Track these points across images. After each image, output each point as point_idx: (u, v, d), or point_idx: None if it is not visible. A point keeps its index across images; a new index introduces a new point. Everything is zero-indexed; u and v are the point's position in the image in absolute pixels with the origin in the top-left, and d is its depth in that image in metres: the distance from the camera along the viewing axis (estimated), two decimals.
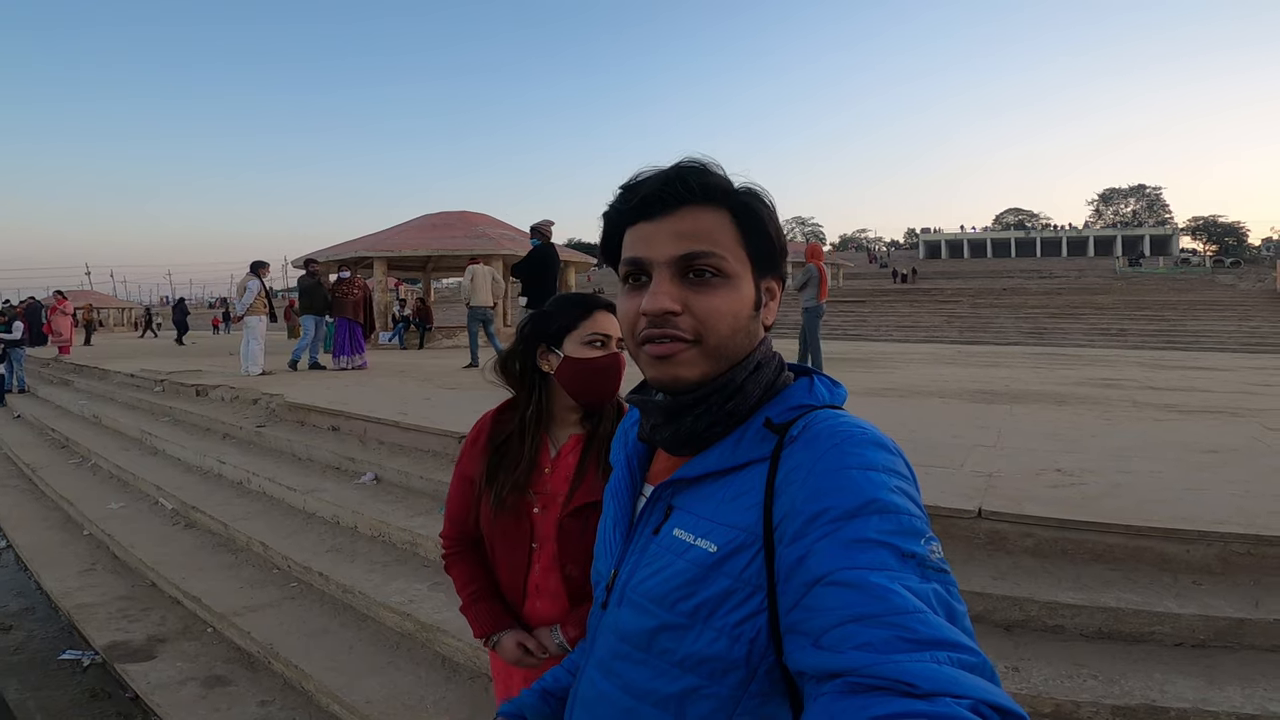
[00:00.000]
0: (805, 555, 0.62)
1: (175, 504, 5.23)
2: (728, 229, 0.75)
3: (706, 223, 0.75)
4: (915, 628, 0.54)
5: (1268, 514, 2.71)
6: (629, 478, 0.88)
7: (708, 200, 0.75)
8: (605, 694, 0.78)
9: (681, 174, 0.75)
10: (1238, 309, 24.72)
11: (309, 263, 10.48)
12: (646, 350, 0.75)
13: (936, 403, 6.55)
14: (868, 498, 0.63)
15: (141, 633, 3.59)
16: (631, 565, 0.79)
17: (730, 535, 0.70)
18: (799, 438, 0.71)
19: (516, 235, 16.99)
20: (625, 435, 0.93)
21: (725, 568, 0.69)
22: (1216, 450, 4.16)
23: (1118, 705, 1.90)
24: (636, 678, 0.74)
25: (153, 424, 7.37)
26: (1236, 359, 14.30)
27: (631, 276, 0.77)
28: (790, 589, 0.63)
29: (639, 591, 0.76)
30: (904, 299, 30.96)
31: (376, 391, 7.14)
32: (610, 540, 0.86)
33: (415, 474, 4.47)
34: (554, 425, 1.48)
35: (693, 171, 0.75)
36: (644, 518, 0.81)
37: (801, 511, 0.64)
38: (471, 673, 2.86)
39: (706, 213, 0.75)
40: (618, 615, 0.79)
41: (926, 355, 13.63)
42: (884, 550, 0.59)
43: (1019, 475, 3.44)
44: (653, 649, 0.73)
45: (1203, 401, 6.74)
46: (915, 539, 0.61)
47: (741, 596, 0.68)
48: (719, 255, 0.74)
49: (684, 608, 0.71)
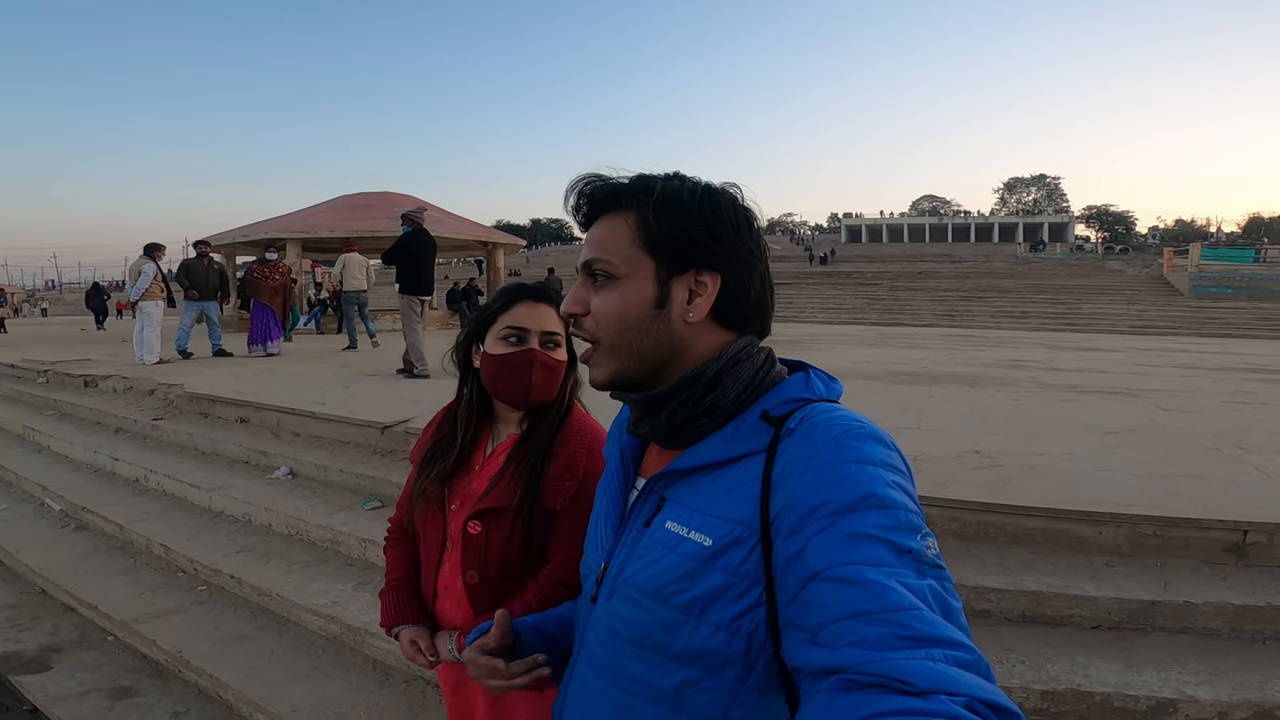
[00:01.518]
0: (802, 550, 0.62)
1: (64, 505, 4.81)
2: (623, 231, 0.77)
3: (607, 228, 0.78)
4: (911, 625, 0.54)
5: (1170, 495, 2.87)
6: (622, 471, 0.87)
7: (616, 207, 0.78)
8: (598, 690, 0.77)
9: (584, 189, 0.79)
10: (1127, 293, 26.58)
11: (199, 244, 9.86)
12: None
13: (862, 385, 6.73)
14: (865, 492, 0.62)
15: (34, 643, 3.31)
16: (622, 558, 0.79)
17: (726, 529, 0.69)
18: (796, 430, 0.70)
19: (443, 217, 16.44)
20: (619, 429, 0.92)
21: (721, 561, 0.69)
22: (1116, 431, 4.41)
23: (1046, 690, 1.96)
24: (631, 673, 0.74)
25: (36, 418, 6.77)
26: (1126, 340, 15.38)
27: None
28: (788, 583, 0.63)
29: (631, 585, 0.75)
30: (828, 281, 31.83)
31: (291, 380, 6.77)
32: (600, 533, 0.86)
33: (335, 467, 4.25)
34: (497, 422, 1.41)
35: (595, 185, 0.79)
36: (635, 510, 0.81)
37: (799, 505, 0.64)
38: (406, 677, 2.73)
39: (614, 219, 0.77)
40: (609, 609, 0.78)
41: (850, 337, 14.05)
42: (881, 545, 0.59)
43: (942, 458, 3.54)
44: (647, 643, 0.73)
45: (1100, 382, 7.19)
46: (912, 534, 0.61)
47: (739, 591, 0.68)
48: (605, 259, 0.77)
49: (678, 601, 0.70)
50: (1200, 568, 2.46)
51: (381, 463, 4.25)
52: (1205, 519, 2.53)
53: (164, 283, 9.03)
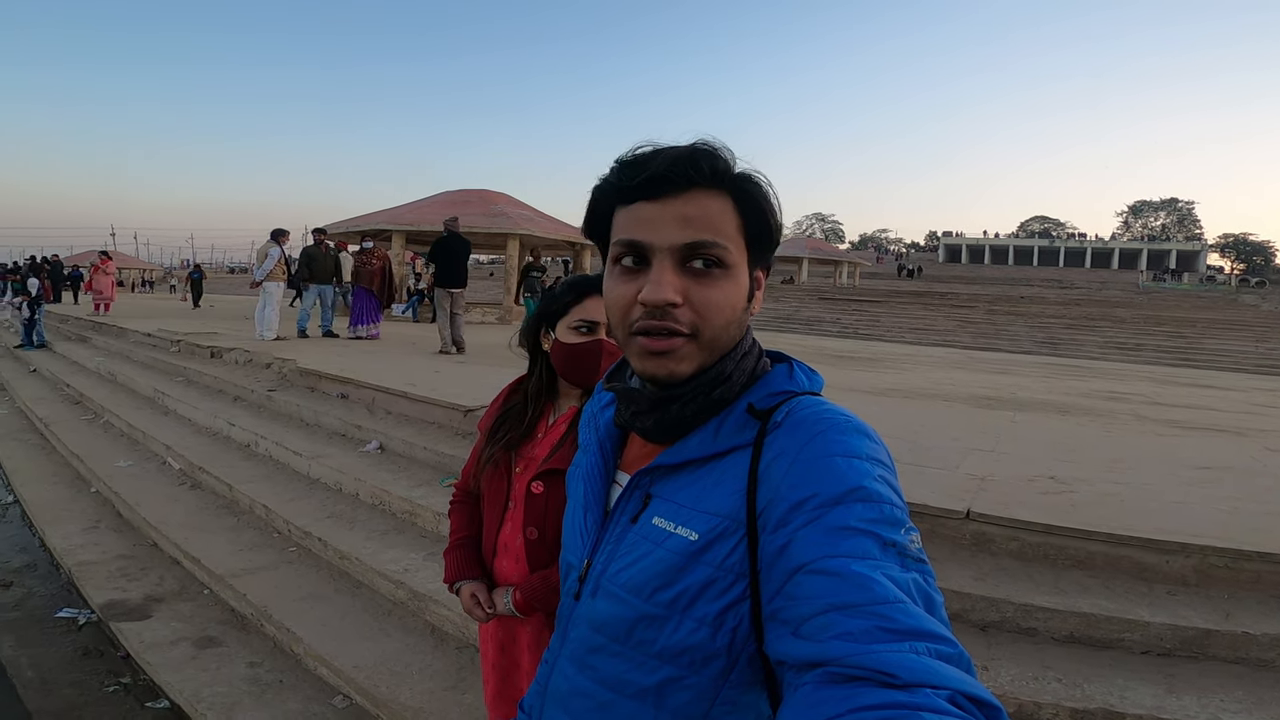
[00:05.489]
0: (788, 543, 0.61)
1: (183, 464, 5.32)
2: (731, 217, 0.71)
3: (713, 209, 0.70)
4: (896, 618, 0.54)
5: (1249, 530, 2.73)
6: (601, 464, 0.84)
7: (715, 185, 0.71)
8: (580, 687, 0.76)
9: (695, 156, 0.70)
10: (1257, 329, 24.32)
11: (316, 232, 10.60)
12: (640, 342, 0.72)
13: (940, 406, 6.55)
14: (851, 485, 0.62)
15: (139, 592, 3.63)
16: (607, 555, 0.77)
17: (712, 523, 0.69)
18: (783, 424, 0.70)
19: (534, 216, 17.02)
20: (595, 420, 0.89)
21: (706, 556, 0.68)
22: (1210, 467, 4.16)
23: (1076, 709, 1.94)
24: (613, 670, 0.73)
25: (166, 384, 7.48)
26: (1249, 379, 14.13)
27: (627, 259, 0.73)
28: (773, 576, 0.62)
29: (616, 582, 0.74)
30: (918, 301, 30.71)
31: (387, 362, 7.22)
32: (581, 529, 0.83)
33: (419, 445, 4.54)
34: (559, 397, 1.56)
35: (705, 154, 0.71)
36: (620, 506, 0.79)
37: (785, 498, 0.64)
38: (459, 643, 2.92)
39: (712, 198, 0.71)
40: (592, 606, 0.77)
41: (937, 359, 13.57)
42: (866, 538, 0.59)
43: (1012, 480, 3.46)
44: (630, 640, 0.72)
45: (1208, 419, 6.71)
46: (896, 528, 0.61)
47: (723, 585, 0.67)
48: (722, 245, 0.70)
49: (662, 597, 0.70)
50: (1268, 601, 2.35)
51: (462, 443, 4.51)
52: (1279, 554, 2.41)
53: (286, 265, 9.77)
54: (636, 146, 0.73)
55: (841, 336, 21.67)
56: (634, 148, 0.73)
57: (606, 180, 0.75)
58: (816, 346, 13.76)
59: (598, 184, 0.76)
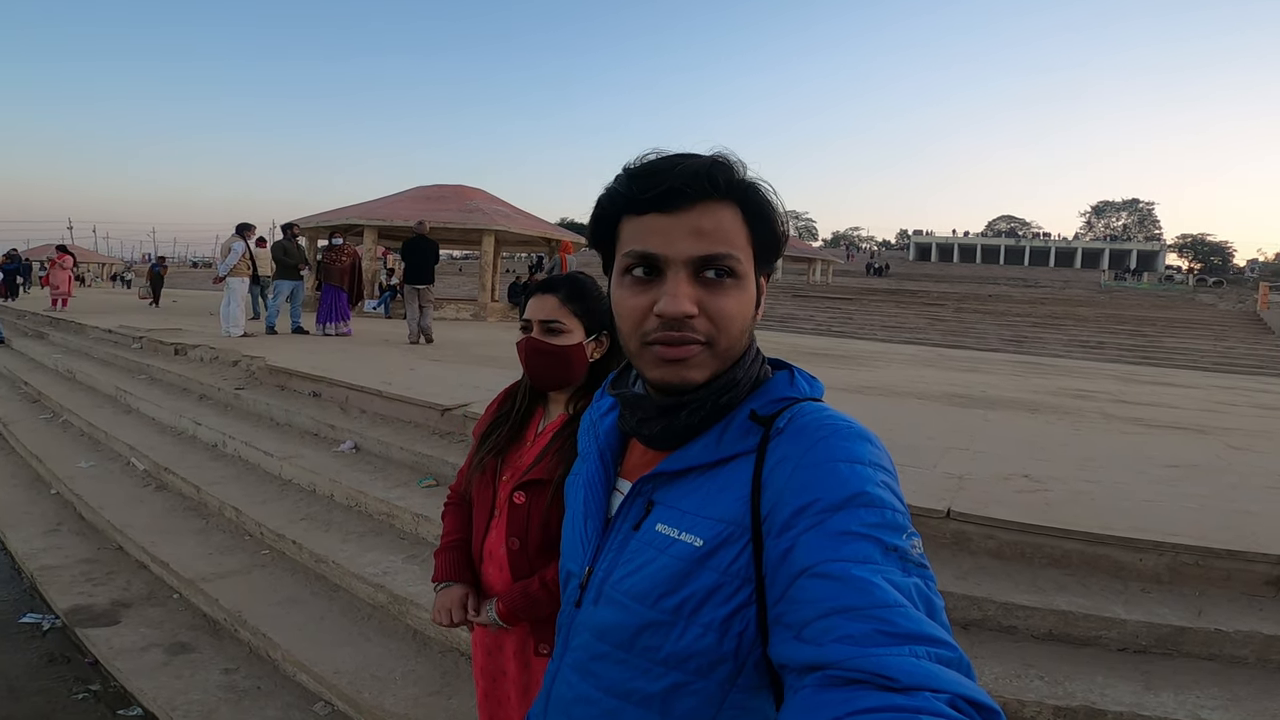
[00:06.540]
0: (792, 547, 0.62)
1: (147, 465, 5.17)
2: (740, 227, 0.72)
3: (725, 221, 0.71)
4: (896, 621, 0.54)
5: (1218, 528, 2.80)
6: (602, 472, 0.84)
7: (725, 195, 0.72)
8: (584, 695, 0.76)
9: (713, 170, 0.70)
10: (1215, 328, 25.09)
11: (287, 226, 10.42)
12: (656, 351, 0.72)
13: (915, 403, 6.64)
14: (854, 490, 0.63)
15: (106, 597, 3.53)
16: (609, 562, 0.77)
17: (717, 529, 0.69)
18: (785, 430, 0.71)
19: (510, 212, 16.88)
20: (594, 427, 0.89)
21: (712, 562, 0.69)
22: (1178, 465, 4.27)
23: (1060, 706, 1.97)
24: (617, 677, 0.73)
25: (128, 382, 7.27)
26: (1208, 378, 14.58)
27: (638, 270, 0.72)
28: (777, 581, 0.63)
29: (620, 589, 0.74)
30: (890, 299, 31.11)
31: (360, 359, 7.11)
32: (582, 536, 0.83)
33: (395, 444, 4.47)
34: (549, 403, 1.55)
35: (722, 168, 0.71)
36: (622, 513, 0.79)
37: (789, 503, 0.64)
38: (442, 647, 2.88)
39: (723, 209, 0.71)
40: (595, 613, 0.77)
41: (908, 356, 13.77)
42: (868, 543, 0.60)
43: (988, 479, 3.51)
44: (634, 647, 0.72)
45: (1171, 417, 6.90)
46: (898, 533, 0.62)
47: (730, 591, 0.68)
48: (735, 256, 0.71)
49: (668, 604, 0.70)
50: (1239, 599, 2.42)
51: (439, 443, 4.45)
52: (1249, 551, 2.48)
53: (251, 260, 9.59)
54: (644, 155, 0.73)
55: (816, 334, 21.88)
56: (642, 156, 0.73)
57: (614, 190, 0.74)
58: (793, 344, 13.85)
59: (605, 193, 0.75)
